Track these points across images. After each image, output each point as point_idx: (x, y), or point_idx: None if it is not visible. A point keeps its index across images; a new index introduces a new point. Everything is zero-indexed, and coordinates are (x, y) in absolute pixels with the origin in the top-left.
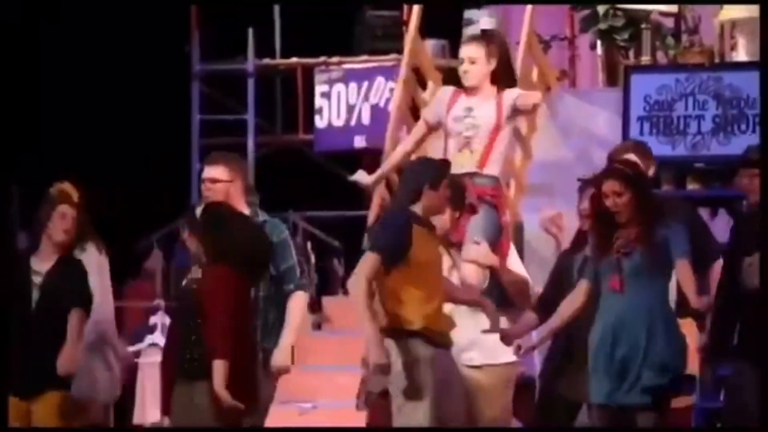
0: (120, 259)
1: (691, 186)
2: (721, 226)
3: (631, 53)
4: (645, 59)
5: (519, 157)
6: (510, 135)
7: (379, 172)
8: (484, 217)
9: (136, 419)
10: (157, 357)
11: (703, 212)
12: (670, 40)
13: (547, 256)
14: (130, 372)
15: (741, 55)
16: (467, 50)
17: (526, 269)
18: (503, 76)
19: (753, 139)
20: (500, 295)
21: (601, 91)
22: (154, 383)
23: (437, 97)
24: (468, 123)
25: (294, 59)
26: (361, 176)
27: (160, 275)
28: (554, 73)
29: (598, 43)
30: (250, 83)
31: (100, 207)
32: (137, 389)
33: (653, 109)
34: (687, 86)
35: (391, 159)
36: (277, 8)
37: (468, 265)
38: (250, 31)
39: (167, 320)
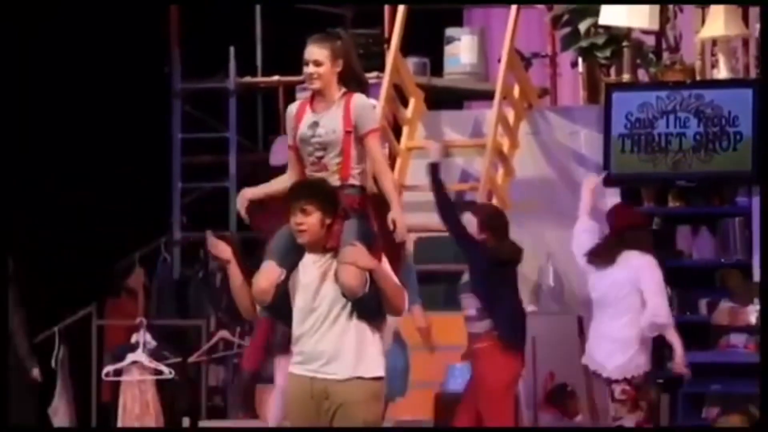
0: (102, 277)
1: (673, 203)
2: (702, 244)
3: (613, 71)
4: (626, 77)
5: (501, 175)
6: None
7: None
8: (356, 223)
9: None
10: (138, 375)
11: (685, 229)
12: (651, 58)
13: (528, 272)
14: (113, 390)
15: (722, 72)
16: (311, 52)
17: None
18: (350, 78)
19: (734, 156)
20: (378, 301)
21: (583, 109)
22: (136, 401)
23: (287, 117)
24: (315, 143)
25: (275, 77)
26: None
27: (142, 293)
28: (535, 90)
29: (580, 60)
30: (232, 101)
31: (81, 225)
32: (119, 407)
33: (634, 126)
34: (668, 104)
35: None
36: (258, 26)
37: (348, 267)
38: (231, 49)
39: (149, 338)
